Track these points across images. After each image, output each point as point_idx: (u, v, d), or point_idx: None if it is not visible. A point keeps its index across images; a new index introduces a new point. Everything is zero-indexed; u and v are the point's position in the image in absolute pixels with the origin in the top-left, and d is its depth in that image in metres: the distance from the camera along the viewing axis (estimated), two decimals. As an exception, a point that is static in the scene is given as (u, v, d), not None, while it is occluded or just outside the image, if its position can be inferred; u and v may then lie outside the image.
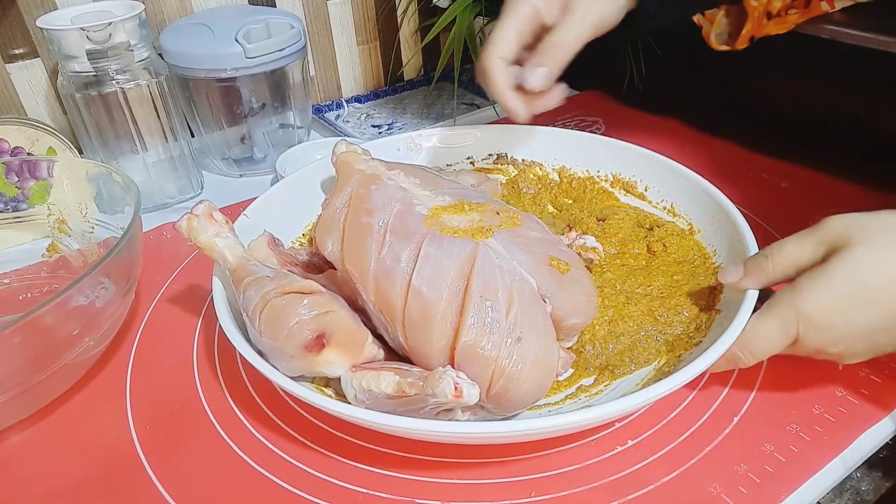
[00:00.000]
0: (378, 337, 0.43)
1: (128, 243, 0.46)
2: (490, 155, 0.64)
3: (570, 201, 0.60)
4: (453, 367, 0.38)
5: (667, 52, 0.77)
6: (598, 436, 0.41)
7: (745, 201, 0.63)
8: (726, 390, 0.44)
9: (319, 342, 0.39)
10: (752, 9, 0.55)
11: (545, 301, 0.41)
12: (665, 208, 0.55)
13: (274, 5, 0.82)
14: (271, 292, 0.40)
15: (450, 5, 0.81)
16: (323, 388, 0.43)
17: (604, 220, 0.55)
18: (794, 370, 0.45)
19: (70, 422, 0.45)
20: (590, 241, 0.49)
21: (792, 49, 0.65)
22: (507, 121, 0.78)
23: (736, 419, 0.42)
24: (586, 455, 0.40)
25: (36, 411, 0.46)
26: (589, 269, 0.50)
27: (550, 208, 0.60)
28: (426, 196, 0.46)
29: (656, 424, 0.42)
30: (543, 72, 0.47)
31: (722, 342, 0.38)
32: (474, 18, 0.83)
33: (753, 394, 0.43)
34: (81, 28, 0.58)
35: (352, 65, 0.92)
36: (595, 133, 0.78)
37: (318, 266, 0.49)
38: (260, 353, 0.40)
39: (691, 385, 0.44)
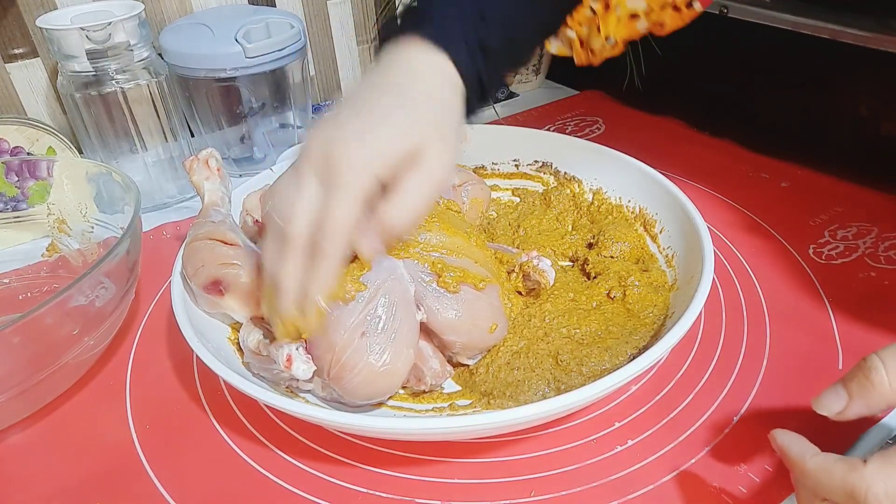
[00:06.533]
0: None
1: (128, 243, 0.46)
2: (536, 161, 0.64)
3: (590, 223, 0.59)
4: (306, 342, 0.40)
5: (667, 52, 0.77)
6: (597, 436, 0.41)
7: (745, 201, 0.64)
8: (726, 390, 0.44)
9: (216, 288, 0.44)
10: (571, 41, 0.51)
11: (419, 308, 0.41)
12: (666, 256, 0.53)
13: (274, 5, 0.82)
14: (201, 234, 0.47)
15: (450, 5, 0.81)
16: (294, 394, 0.44)
17: (600, 253, 0.54)
18: (794, 369, 0.45)
19: (70, 422, 0.45)
20: (545, 263, 0.48)
21: (792, 49, 0.65)
22: (559, 130, 0.79)
23: (736, 419, 0.42)
24: (586, 455, 0.40)
25: (36, 411, 0.45)
26: (535, 292, 0.49)
27: (570, 228, 0.59)
28: None
29: (656, 424, 0.42)
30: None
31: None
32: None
33: (753, 393, 0.44)
34: (81, 28, 0.58)
35: (352, 65, 0.92)
36: (596, 133, 0.79)
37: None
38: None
39: (692, 384, 0.44)
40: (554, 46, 0.53)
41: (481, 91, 0.42)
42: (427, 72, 0.39)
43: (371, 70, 0.41)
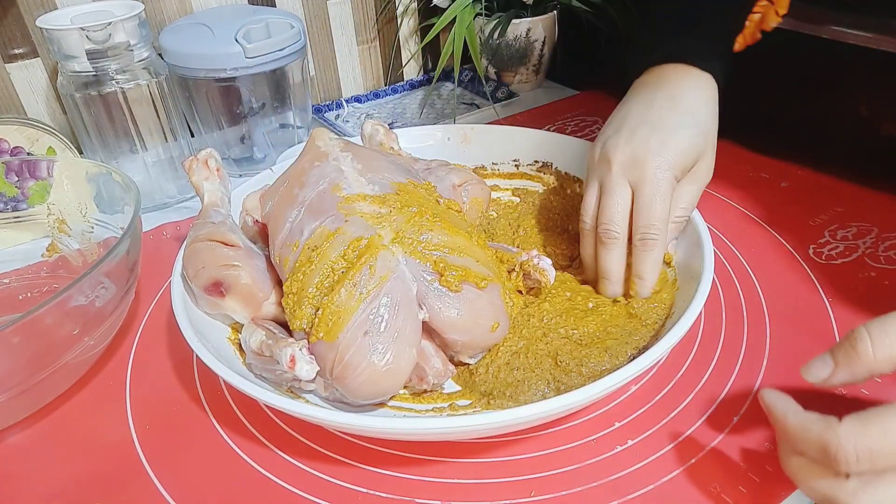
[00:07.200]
0: None
1: (128, 243, 0.46)
2: (536, 161, 0.64)
3: None
4: (310, 341, 0.40)
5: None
6: (597, 436, 0.41)
7: (745, 201, 0.64)
8: (726, 389, 0.44)
9: (217, 289, 0.44)
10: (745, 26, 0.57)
11: (422, 308, 0.41)
12: (666, 256, 0.52)
13: (274, 5, 0.82)
14: (201, 235, 0.47)
15: (450, 5, 0.81)
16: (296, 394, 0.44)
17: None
18: (794, 368, 0.45)
19: (70, 422, 0.45)
20: (545, 262, 0.48)
21: (792, 49, 0.65)
22: (559, 130, 0.79)
23: (736, 419, 0.42)
24: (586, 455, 0.40)
25: (36, 411, 0.46)
26: (536, 291, 0.49)
27: (571, 228, 0.59)
28: (358, 182, 0.47)
29: (656, 424, 0.42)
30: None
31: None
32: (474, 18, 0.83)
33: (753, 393, 0.44)
34: (81, 28, 0.58)
35: (352, 65, 0.92)
36: (596, 133, 0.78)
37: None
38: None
39: (691, 384, 0.44)
40: None
41: (725, 84, 0.51)
42: (697, 87, 0.50)
43: (640, 89, 0.51)
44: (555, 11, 0.87)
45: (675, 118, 0.47)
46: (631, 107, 0.50)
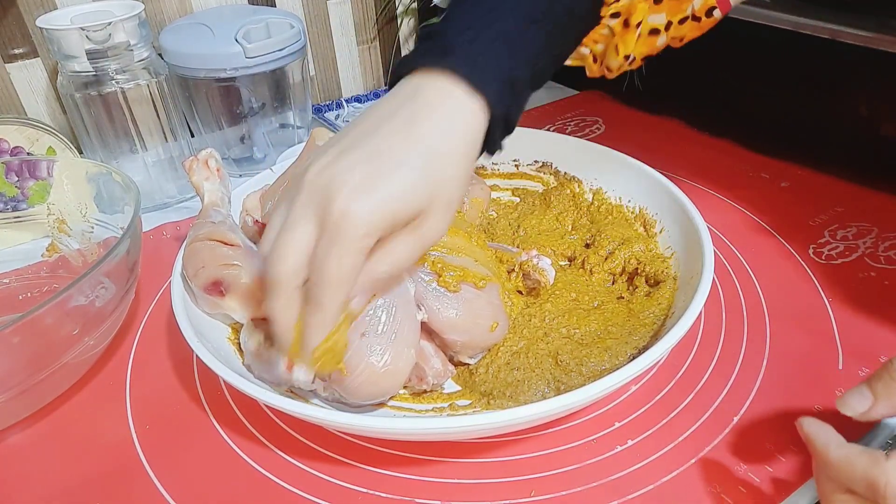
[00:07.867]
0: None
1: (128, 243, 0.46)
2: (536, 161, 0.64)
3: (590, 223, 0.58)
4: None
5: (667, 52, 0.77)
6: (597, 436, 0.41)
7: (745, 201, 0.64)
8: (726, 390, 0.44)
9: (217, 288, 0.44)
10: (584, 57, 0.47)
11: (420, 308, 0.41)
12: (665, 256, 0.52)
13: (274, 5, 0.82)
14: (201, 235, 0.47)
15: (450, 5, 0.81)
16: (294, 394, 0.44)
17: (599, 252, 0.53)
18: (794, 369, 0.45)
19: (70, 422, 0.45)
20: (545, 262, 0.48)
21: (792, 49, 0.65)
22: (559, 130, 0.79)
23: (736, 419, 0.42)
24: (586, 455, 0.40)
25: (36, 411, 0.45)
26: (535, 291, 0.49)
27: (570, 228, 0.59)
28: None
29: (656, 424, 0.42)
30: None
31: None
32: (474, 18, 0.83)
33: (753, 393, 0.44)
34: (81, 28, 0.58)
35: (352, 65, 0.92)
36: (596, 133, 0.79)
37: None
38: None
39: (692, 384, 0.44)
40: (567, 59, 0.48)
41: (506, 127, 0.38)
42: (448, 114, 0.35)
43: (385, 98, 0.37)
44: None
45: (401, 151, 0.34)
46: (366, 117, 0.36)
